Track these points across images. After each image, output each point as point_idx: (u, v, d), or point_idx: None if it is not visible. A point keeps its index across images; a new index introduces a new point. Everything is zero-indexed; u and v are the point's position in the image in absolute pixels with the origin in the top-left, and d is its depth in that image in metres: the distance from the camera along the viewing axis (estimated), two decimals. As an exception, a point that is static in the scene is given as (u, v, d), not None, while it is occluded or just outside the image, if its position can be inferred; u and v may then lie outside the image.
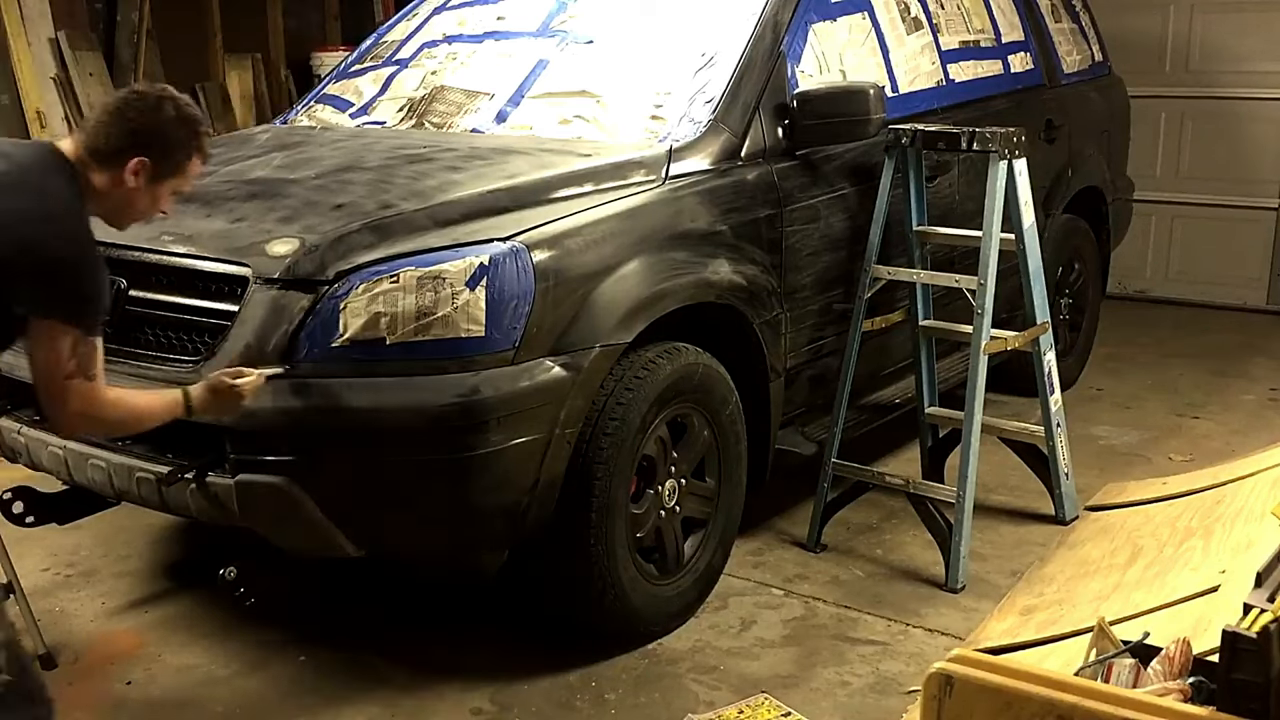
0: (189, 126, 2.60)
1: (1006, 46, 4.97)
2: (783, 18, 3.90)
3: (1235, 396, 5.57)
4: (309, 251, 2.95)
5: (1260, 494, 3.41)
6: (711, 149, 3.57)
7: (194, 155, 2.62)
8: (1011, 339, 3.92)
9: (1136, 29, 6.93)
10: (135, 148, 2.51)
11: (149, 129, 2.53)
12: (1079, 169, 5.31)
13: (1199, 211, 7.11)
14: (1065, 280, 5.39)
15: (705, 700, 3.12)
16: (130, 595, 3.72)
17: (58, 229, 2.41)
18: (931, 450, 4.25)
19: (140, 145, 2.51)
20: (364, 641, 3.42)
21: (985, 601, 3.57)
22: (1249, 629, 1.85)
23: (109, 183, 2.51)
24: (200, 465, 2.93)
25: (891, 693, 3.14)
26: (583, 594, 3.21)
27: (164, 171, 2.56)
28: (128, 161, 2.50)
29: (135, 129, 2.51)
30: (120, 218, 2.60)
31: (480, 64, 4.16)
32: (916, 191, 4.07)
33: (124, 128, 2.51)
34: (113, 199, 2.53)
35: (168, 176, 2.58)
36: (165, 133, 2.55)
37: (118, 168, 2.50)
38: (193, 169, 2.64)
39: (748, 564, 3.85)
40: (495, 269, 2.92)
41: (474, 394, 2.86)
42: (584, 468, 3.07)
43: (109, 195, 2.52)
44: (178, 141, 2.57)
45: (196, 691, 3.19)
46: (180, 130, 2.58)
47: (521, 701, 3.12)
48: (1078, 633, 2.85)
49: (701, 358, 3.37)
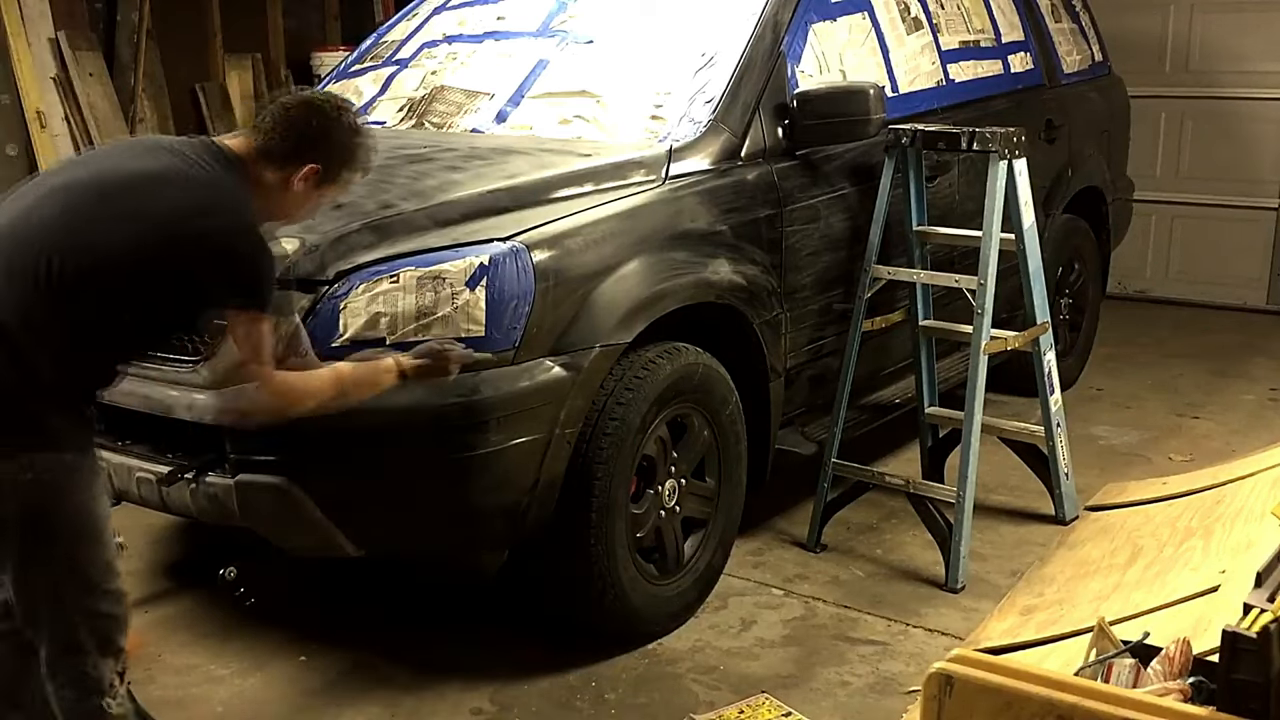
0: (360, 139, 2.63)
1: (1006, 46, 4.97)
2: (783, 18, 3.90)
3: (1235, 396, 5.57)
4: (309, 251, 2.95)
5: (1260, 494, 3.41)
6: (711, 149, 3.57)
7: (358, 169, 2.65)
8: (1011, 339, 3.92)
9: (1136, 29, 6.92)
10: (311, 154, 2.53)
11: (329, 139, 2.56)
12: (1079, 169, 5.31)
13: (1199, 211, 7.11)
14: (1065, 280, 5.39)
15: (705, 700, 3.12)
16: (130, 595, 3.70)
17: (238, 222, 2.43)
18: (931, 450, 4.25)
19: (317, 153, 2.54)
20: (364, 641, 3.42)
21: (985, 601, 3.57)
22: (1249, 629, 1.85)
23: (277, 183, 2.54)
24: (200, 465, 2.93)
25: (891, 693, 3.14)
26: (583, 594, 3.21)
27: (329, 179, 2.59)
28: (301, 167, 2.52)
29: (316, 137, 2.54)
30: (275, 216, 2.62)
31: (480, 64, 4.16)
32: (916, 191, 4.07)
33: (305, 134, 2.53)
34: (274, 198, 2.56)
35: (330, 184, 2.61)
36: (342, 144, 2.58)
37: (289, 171, 2.52)
38: (353, 179, 2.68)
39: (748, 564, 3.85)
40: (495, 269, 2.92)
41: (474, 394, 2.86)
42: (584, 468, 3.07)
43: (272, 194, 2.55)
44: (349, 153, 2.60)
45: (196, 691, 3.19)
46: (354, 143, 2.61)
47: (521, 701, 3.12)
48: (1078, 633, 2.85)
49: (701, 358, 3.37)
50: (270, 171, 2.52)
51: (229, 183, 2.47)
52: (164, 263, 2.37)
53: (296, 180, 2.53)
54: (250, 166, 2.52)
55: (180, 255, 2.37)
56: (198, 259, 2.38)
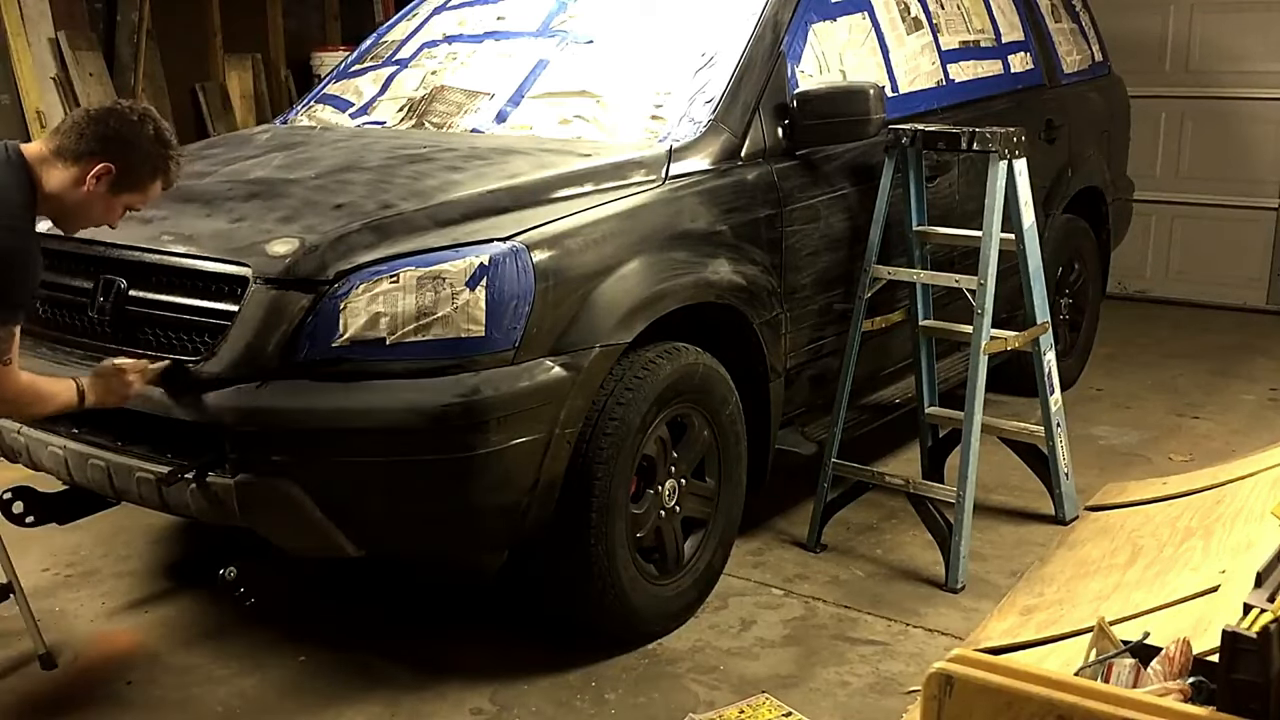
0: (163, 148, 2.66)
1: (1006, 46, 4.97)
2: (783, 18, 3.90)
3: (1235, 396, 5.57)
4: (309, 251, 2.95)
5: (1260, 494, 3.41)
6: (711, 149, 3.57)
7: (159, 177, 2.68)
8: (1011, 339, 3.92)
9: (1136, 29, 6.93)
10: (105, 154, 2.56)
11: (124, 140, 2.58)
12: (1079, 169, 5.31)
13: (1199, 211, 7.12)
14: (1065, 280, 5.39)
15: (705, 700, 3.12)
16: (130, 595, 3.72)
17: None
18: (931, 450, 4.25)
19: (110, 153, 2.56)
20: (364, 641, 3.42)
21: (985, 601, 3.57)
22: (1249, 629, 1.85)
23: (68, 183, 2.56)
24: (200, 465, 2.93)
25: (891, 693, 3.14)
26: (583, 594, 3.21)
27: (126, 184, 2.62)
28: (93, 165, 2.55)
29: (110, 136, 2.57)
30: (70, 221, 2.66)
31: (480, 64, 4.16)
32: (916, 191, 4.07)
33: (99, 133, 2.57)
34: (67, 201, 2.58)
35: (128, 190, 2.64)
36: (139, 147, 2.61)
37: (81, 169, 2.55)
38: (153, 191, 2.71)
39: (748, 564, 3.85)
40: (495, 269, 2.92)
41: (474, 394, 2.86)
42: (584, 468, 3.07)
43: (63, 196, 2.57)
44: (148, 158, 2.63)
45: (196, 691, 3.19)
46: (154, 149, 2.64)
47: (521, 701, 3.12)
48: (1078, 633, 2.86)
49: (701, 358, 3.37)
50: (61, 170, 2.55)
51: (3, 183, 2.50)
52: None
53: (89, 179, 2.55)
54: (40, 168, 2.54)
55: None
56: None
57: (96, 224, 2.72)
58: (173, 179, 2.74)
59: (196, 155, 3.86)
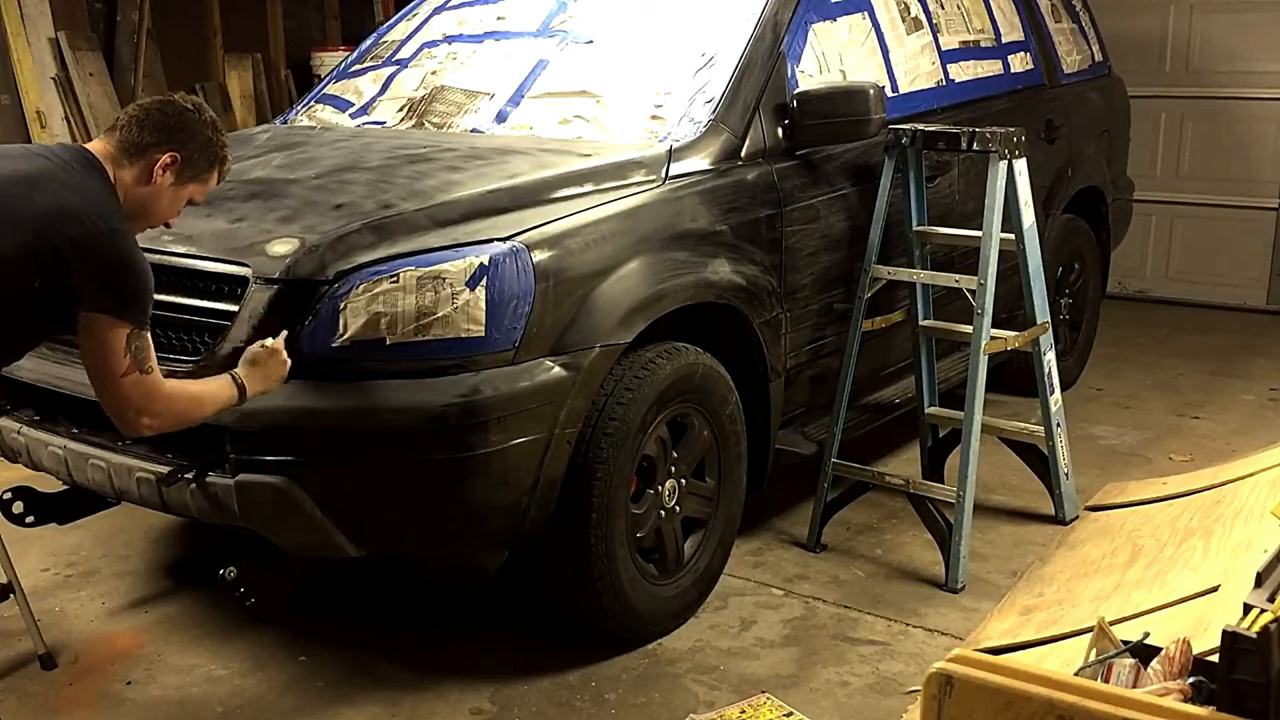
0: (218, 136, 2.66)
1: (1006, 46, 4.97)
2: (783, 18, 3.90)
3: (1235, 396, 5.57)
4: (309, 251, 2.95)
5: (1260, 494, 3.41)
6: (711, 149, 3.57)
7: (216, 166, 2.68)
8: (1011, 339, 3.92)
9: (1136, 29, 6.93)
10: (169, 144, 2.56)
11: (183, 127, 2.59)
12: (1079, 169, 5.31)
13: (1199, 211, 7.12)
14: (1065, 280, 5.39)
15: (705, 700, 3.12)
16: (130, 595, 3.72)
17: (105, 225, 2.44)
18: (931, 450, 4.25)
19: (175, 142, 2.57)
20: (364, 641, 3.42)
21: (985, 601, 3.57)
22: (1249, 629, 1.85)
23: (136, 178, 2.56)
24: (200, 465, 2.93)
25: (892, 693, 3.14)
26: (583, 594, 3.21)
27: (190, 173, 2.62)
28: (160, 156, 2.55)
29: (171, 126, 2.57)
30: (139, 219, 2.63)
31: (480, 64, 4.16)
32: (916, 191, 4.07)
33: (160, 124, 2.57)
34: (136, 198, 2.57)
35: (191, 180, 2.64)
36: (199, 134, 2.61)
37: (148, 162, 2.55)
38: (212, 180, 2.70)
39: (748, 564, 3.85)
40: (495, 269, 2.92)
41: (474, 394, 2.86)
42: (584, 468, 3.07)
43: (133, 193, 2.56)
44: (208, 146, 2.63)
45: (196, 691, 3.19)
46: (213, 136, 2.64)
47: (521, 701, 3.12)
48: (1078, 633, 2.86)
49: (701, 358, 3.37)
50: (130, 167, 2.54)
51: (95, 187, 2.49)
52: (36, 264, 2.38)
53: (157, 170, 2.55)
54: (111, 167, 2.54)
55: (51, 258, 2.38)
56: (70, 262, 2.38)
57: (162, 220, 2.69)
58: (227, 169, 2.74)
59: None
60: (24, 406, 3.33)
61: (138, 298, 2.48)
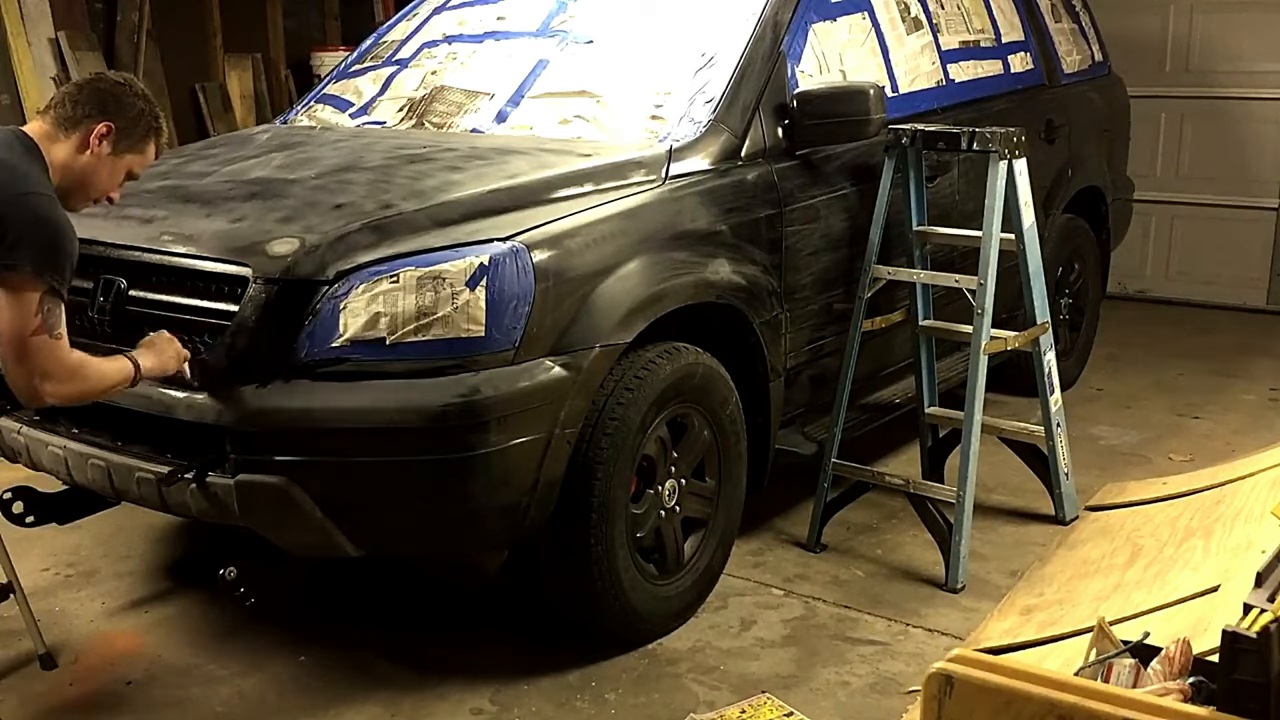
0: (151, 106, 2.71)
1: (1006, 46, 4.97)
2: (783, 18, 3.90)
3: (1235, 396, 5.57)
4: (309, 251, 2.95)
5: (1260, 494, 3.41)
6: (711, 149, 3.57)
7: (153, 136, 2.72)
8: (1011, 339, 3.92)
9: (1136, 29, 6.93)
10: (103, 114, 2.61)
11: (116, 98, 2.64)
12: (1079, 169, 5.31)
13: (1199, 211, 7.11)
14: (1065, 280, 5.39)
15: (705, 700, 3.12)
16: (130, 595, 3.72)
17: (33, 191, 2.50)
18: (931, 450, 4.25)
19: (108, 112, 2.61)
20: (364, 641, 3.42)
21: (985, 601, 3.57)
22: (1249, 629, 1.85)
23: (72, 151, 2.60)
24: (200, 465, 2.93)
25: (892, 693, 3.14)
26: (583, 594, 3.21)
27: (126, 143, 2.66)
28: (95, 126, 2.60)
29: (104, 97, 2.63)
30: (77, 195, 2.67)
31: (480, 64, 4.16)
32: (916, 191, 4.07)
33: (93, 95, 2.63)
34: (74, 170, 2.61)
35: (128, 150, 2.67)
36: (131, 104, 2.66)
37: (83, 134, 2.59)
38: (150, 152, 2.74)
39: (748, 564, 3.85)
40: (495, 269, 2.92)
41: (474, 394, 2.86)
42: (584, 468, 3.07)
43: (70, 166, 2.61)
44: (142, 116, 2.68)
45: (196, 691, 3.19)
46: (146, 106, 2.69)
47: (521, 701, 3.12)
48: (1078, 633, 2.86)
49: (701, 358, 3.37)
50: (66, 140, 2.59)
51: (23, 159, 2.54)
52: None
53: (93, 140, 2.59)
54: (46, 144, 2.59)
55: None
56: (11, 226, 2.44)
57: (103, 192, 2.72)
58: (164, 141, 2.78)
59: (196, 155, 3.87)
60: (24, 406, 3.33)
61: (55, 257, 2.50)
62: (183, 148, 4.38)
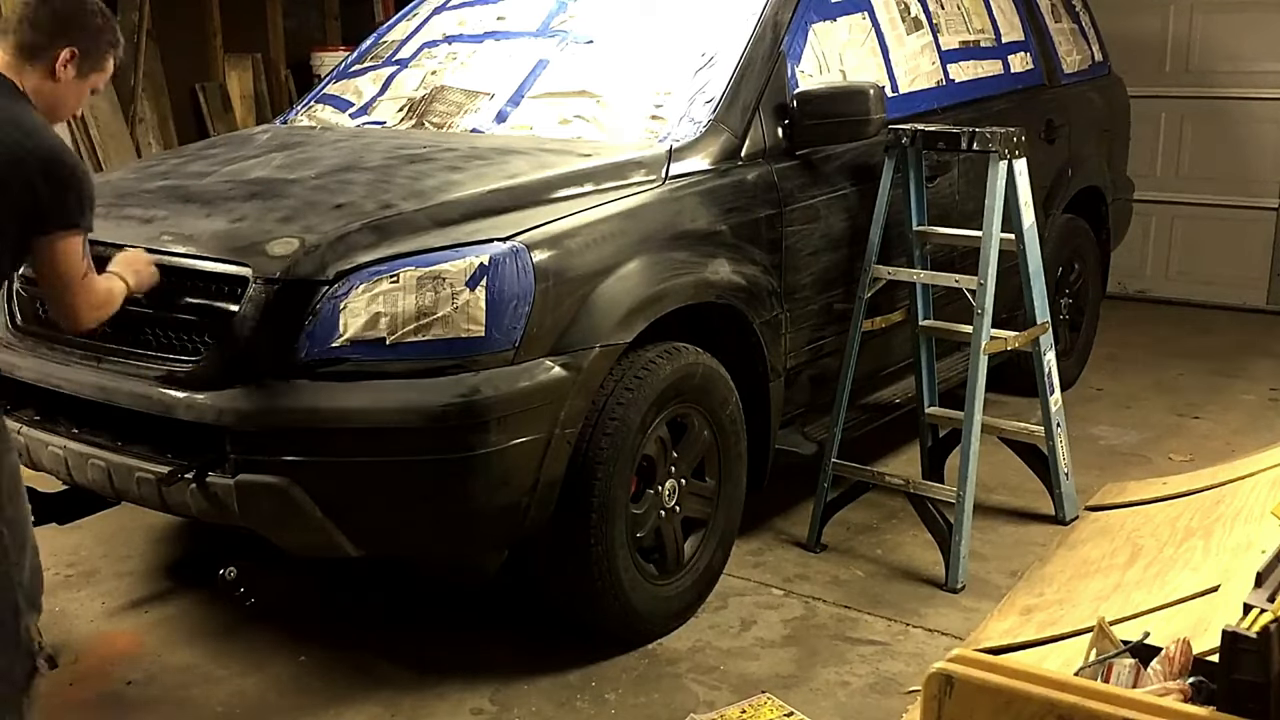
0: (107, 19, 2.68)
1: (1006, 46, 4.97)
2: (783, 18, 3.90)
3: (1235, 396, 5.57)
4: (309, 251, 2.95)
5: (1260, 494, 3.41)
6: (711, 149, 3.57)
7: (110, 50, 2.69)
8: (1011, 339, 3.92)
9: (1136, 29, 6.93)
10: (64, 36, 2.58)
11: (75, 20, 2.60)
12: (1079, 169, 5.31)
13: (1199, 211, 7.11)
14: (1065, 280, 5.39)
15: (705, 700, 3.12)
16: (130, 595, 3.72)
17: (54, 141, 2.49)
18: (931, 450, 4.25)
19: (70, 36, 2.58)
20: (364, 641, 3.42)
21: (985, 601, 3.57)
22: (1249, 629, 1.85)
23: (41, 79, 2.58)
24: (200, 465, 2.93)
25: (892, 693, 3.14)
26: (583, 594, 3.21)
27: (89, 64, 2.63)
28: (59, 53, 2.57)
29: (61, 19, 2.58)
30: (49, 117, 2.64)
31: (480, 64, 4.16)
32: (916, 191, 4.07)
33: (50, 19, 2.58)
34: (44, 97, 2.59)
35: (92, 70, 2.65)
36: (89, 23, 2.63)
37: (50, 62, 2.57)
38: (110, 65, 2.71)
39: (748, 564, 3.85)
40: (495, 269, 2.92)
41: (474, 394, 2.86)
42: (584, 468, 3.07)
43: (41, 93, 2.58)
44: (100, 33, 2.64)
45: (196, 691, 3.19)
46: (103, 22, 2.66)
47: (521, 701, 3.12)
48: (1078, 633, 2.86)
49: (701, 358, 3.37)
50: (33, 70, 2.57)
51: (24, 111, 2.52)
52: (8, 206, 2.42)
53: (59, 68, 2.57)
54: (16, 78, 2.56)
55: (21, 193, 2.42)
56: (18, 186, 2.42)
57: (70, 113, 2.73)
58: (121, 52, 2.75)
59: (196, 155, 3.87)
60: (24, 406, 3.33)
61: (91, 205, 2.55)
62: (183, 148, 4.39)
